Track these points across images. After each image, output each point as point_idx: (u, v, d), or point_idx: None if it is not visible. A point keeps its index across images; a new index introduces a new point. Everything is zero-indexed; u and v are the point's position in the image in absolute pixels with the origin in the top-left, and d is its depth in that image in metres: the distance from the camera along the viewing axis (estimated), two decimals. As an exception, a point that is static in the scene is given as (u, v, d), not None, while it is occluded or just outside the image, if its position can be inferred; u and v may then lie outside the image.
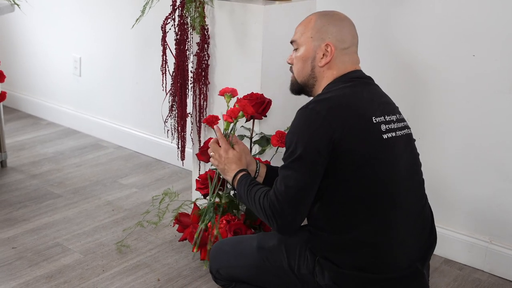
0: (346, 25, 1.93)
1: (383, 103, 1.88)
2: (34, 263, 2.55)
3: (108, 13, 3.68)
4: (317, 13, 1.99)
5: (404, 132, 1.87)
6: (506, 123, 2.45)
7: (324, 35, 1.91)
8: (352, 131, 1.76)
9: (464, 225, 2.64)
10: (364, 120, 1.79)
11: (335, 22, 1.92)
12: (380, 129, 1.80)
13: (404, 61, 2.65)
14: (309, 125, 1.77)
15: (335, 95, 1.83)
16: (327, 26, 1.91)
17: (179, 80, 2.63)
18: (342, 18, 1.95)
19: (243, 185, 1.95)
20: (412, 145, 1.92)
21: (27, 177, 3.33)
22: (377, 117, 1.81)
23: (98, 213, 2.98)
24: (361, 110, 1.80)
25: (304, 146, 1.75)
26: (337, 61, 1.91)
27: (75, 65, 3.96)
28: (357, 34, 1.96)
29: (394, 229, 1.79)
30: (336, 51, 1.90)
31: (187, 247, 2.67)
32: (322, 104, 1.79)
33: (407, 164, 1.85)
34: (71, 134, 3.98)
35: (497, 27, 2.40)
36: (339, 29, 1.91)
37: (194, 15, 2.51)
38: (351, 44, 1.93)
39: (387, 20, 2.65)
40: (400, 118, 1.90)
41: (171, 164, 3.55)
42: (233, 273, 1.99)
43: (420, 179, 1.92)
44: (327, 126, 1.74)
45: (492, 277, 2.57)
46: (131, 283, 2.43)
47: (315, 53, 1.92)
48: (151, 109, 3.55)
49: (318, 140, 1.74)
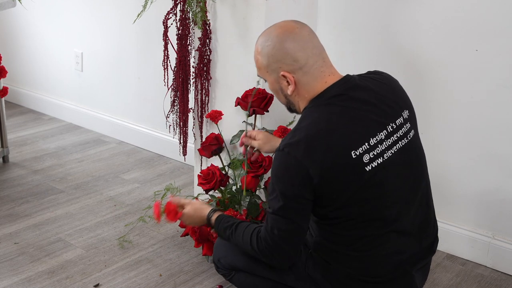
0: (289, 43, 1.76)
1: (368, 122, 1.75)
2: (36, 258, 2.55)
3: (110, 8, 3.68)
4: (259, 38, 1.85)
5: (398, 147, 1.78)
6: (509, 118, 2.44)
7: (275, 66, 1.80)
8: (331, 174, 1.70)
9: (467, 220, 2.63)
10: (343, 158, 1.70)
11: (277, 46, 1.77)
12: (362, 162, 1.71)
13: (407, 56, 2.64)
14: (287, 173, 1.72)
15: (310, 132, 1.71)
16: (273, 54, 1.78)
17: (181, 75, 2.63)
18: (281, 35, 1.78)
19: (223, 226, 1.94)
20: (409, 155, 1.82)
21: (29, 173, 3.33)
22: (358, 148, 1.71)
23: (100, 209, 2.98)
24: (339, 147, 1.70)
25: (285, 195, 1.72)
26: (302, 84, 1.79)
27: (77, 60, 3.95)
28: (311, 43, 1.78)
29: (387, 244, 1.80)
30: (296, 75, 1.78)
31: (189, 243, 2.67)
32: (298, 147, 1.70)
33: (403, 180, 1.80)
34: (73, 129, 3.98)
35: (500, 22, 2.39)
36: (283, 52, 1.76)
37: (195, 10, 2.50)
38: (306, 60, 1.76)
39: (390, 15, 2.64)
40: (396, 126, 1.78)
41: (173, 159, 3.54)
42: (232, 262, 2.01)
43: (422, 192, 1.86)
44: (305, 173, 1.69)
45: (494, 272, 2.57)
46: (133, 279, 2.44)
47: (280, 84, 1.83)
48: (153, 104, 3.54)
49: (298, 187, 1.71)
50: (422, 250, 1.89)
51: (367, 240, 1.79)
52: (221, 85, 2.63)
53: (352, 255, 1.80)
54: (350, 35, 2.74)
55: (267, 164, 2.38)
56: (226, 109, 2.58)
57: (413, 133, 1.85)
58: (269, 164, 2.39)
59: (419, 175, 1.87)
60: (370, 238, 1.78)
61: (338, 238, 1.82)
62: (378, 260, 1.81)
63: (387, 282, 1.83)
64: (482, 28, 2.43)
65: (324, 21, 2.78)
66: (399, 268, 1.83)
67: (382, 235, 1.79)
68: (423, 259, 1.90)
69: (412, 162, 1.84)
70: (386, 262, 1.81)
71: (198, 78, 2.62)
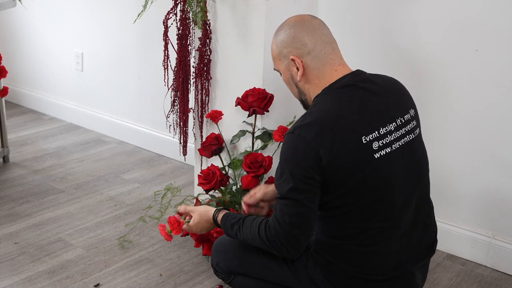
0: (298, 28, 1.83)
1: (378, 112, 1.78)
2: (36, 258, 2.55)
3: (110, 8, 3.68)
4: (275, 32, 1.91)
5: (405, 140, 1.80)
6: (509, 117, 2.44)
7: (285, 51, 1.84)
8: (340, 157, 1.70)
9: (467, 220, 2.64)
10: (352, 142, 1.71)
11: (287, 32, 1.84)
12: (371, 149, 1.72)
13: (407, 56, 2.64)
14: (297, 154, 1.72)
15: (321, 115, 1.74)
16: (283, 40, 1.84)
17: (181, 75, 2.63)
18: (292, 23, 1.85)
19: (229, 223, 1.91)
20: (414, 151, 1.84)
21: (30, 173, 3.33)
22: (368, 135, 1.73)
23: (100, 208, 2.98)
24: (349, 131, 1.72)
25: (295, 176, 1.72)
26: (311, 69, 1.82)
27: (77, 60, 3.95)
28: (321, 31, 1.84)
29: (388, 241, 1.80)
30: (304, 60, 1.82)
31: (189, 243, 2.67)
32: (308, 129, 1.72)
33: (406, 175, 1.81)
34: (73, 129, 3.98)
35: (500, 22, 2.39)
36: (292, 36, 1.82)
37: (196, 10, 2.51)
38: (314, 44, 1.81)
39: (390, 15, 2.64)
40: (404, 121, 1.82)
41: (173, 159, 3.54)
42: (231, 266, 2.00)
43: (422, 190, 1.87)
44: (314, 154, 1.70)
45: (494, 272, 2.57)
46: (133, 278, 2.44)
47: (290, 72, 1.86)
48: (153, 104, 3.55)
49: (307, 168, 1.71)
50: (423, 249, 1.89)
51: (370, 234, 1.78)
52: (221, 85, 2.63)
53: (355, 250, 1.80)
54: (350, 35, 2.74)
55: (267, 164, 2.38)
56: (226, 109, 2.59)
57: (418, 131, 1.88)
58: (269, 164, 2.40)
59: (421, 173, 1.88)
60: (372, 232, 1.78)
61: (340, 233, 1.81)
62: (381, 257, 1.80)
63: (389, 280, 1.82)
64: (482, 28, 2.43)
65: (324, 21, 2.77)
66: (401, 266, 1.83)
67: (384, 230, 1.78)
68: (423, 258, 1.90)
69: (416, 158, 1.85)
70: (389, 259, 1.81)
71: (198, 78, 2.62)
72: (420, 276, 1.92)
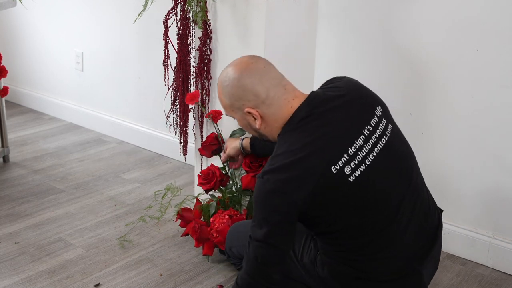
0: (246, 78, 1.79)
1: (343, 132, 1.74)
2: (36, 258, 2.55)
3: (110, 7, 3.68)
4: (218, 79, 1.88)
5: (380, 146, 1.76)
6: (509, 117, 2.44)
7: (238, 104, 1.82)
8: (316, 194, 1.69)
9: (467, 220, 2.63)
10: (324, 176, 1.69)
11: (235, 84, 1.80)
12: (344, 174, 1.70)
13: (407, 56, 2.64)
14: (270, 201, 1.71)
15: (288, 157, 1.70)
16: (234, 93, 1.81)
17: (181, 75, 2.63)
18: (238, 72, 1.80)
19: None
20: (394, 150, 1.80)
21: (30, 172, 3.33)
22: (337, 162, 1.70)
23: (100, 208, 2.98)
24: (319, 166, 1.69)
25: (268, 222, 1.71)
26: (268, 115, 1.80)
27: (77, 60, 3.95)
28: (268, 75, 1.80)
29: (392, 244, 1.80)
30: (260, 109, 1.79)
31: (190, 242, 2.67)
32: (278, 174, 1.70)
33: (394, 176, 1.79)
34: (73, 129, 3.98)
35: (500, 21, 2.39)
36: (243, 89, 1.79)
37: (196, 10, 2.50)
38: (267, 92, 1.78)
39: (390, 15, 2.64)
40: (372, 127, 1.76)
41: (174, 159, 3.54)
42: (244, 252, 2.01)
43: (415, 182, 1.86)
44: (288, 201, 1.69)
45: (495, 272, 2.57)
46: (134, 278, 2.44)
47: (247, 120, 1.85)
48: (153, 104, 3.55)
49: (280, 213, 1.70)
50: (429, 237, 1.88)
51: (373, 244, 1.78)
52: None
53: (359, 259, 1.80)
54: (350, 35, 2.74)
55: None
56: (226, 109, 2.58)
57: (391, 128, 1.83)
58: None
59: (408, 167, 1.85)
60: (375, 242, 1.78)
61: (342, 248, 1.82)
62: (387, 260, 1.80)
63: (396, 280, 1.82)
64: (483, 27, 2.43)
65: (325, 21, 2.78)
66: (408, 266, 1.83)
67: (386, 235, 1.78)
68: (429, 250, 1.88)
69: (398, 156, 1.82)
70: (394, 261, 1.81)
71: (198, 78, 2.62)
72: (429, 270, 1.91)
